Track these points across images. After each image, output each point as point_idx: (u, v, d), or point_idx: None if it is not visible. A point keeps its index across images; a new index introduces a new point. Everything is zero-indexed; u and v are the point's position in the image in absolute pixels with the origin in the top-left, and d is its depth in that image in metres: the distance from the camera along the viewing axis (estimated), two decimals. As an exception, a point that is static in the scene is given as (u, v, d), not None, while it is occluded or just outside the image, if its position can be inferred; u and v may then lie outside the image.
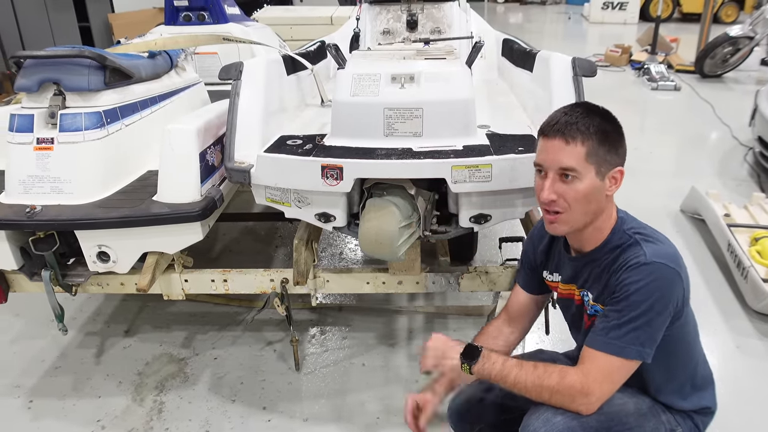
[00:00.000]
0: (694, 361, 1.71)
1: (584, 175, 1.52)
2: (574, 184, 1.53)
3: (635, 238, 1.57)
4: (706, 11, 8.35)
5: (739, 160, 5.23)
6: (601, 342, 1.52)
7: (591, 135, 1.51)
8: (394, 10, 3.46)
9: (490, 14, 15.37)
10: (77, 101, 2.31)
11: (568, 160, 1.52)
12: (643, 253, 1.51)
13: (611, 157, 1.54)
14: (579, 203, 1.54)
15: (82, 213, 2.18)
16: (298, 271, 2.34)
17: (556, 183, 1.55)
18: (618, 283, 1.52)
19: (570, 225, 1.59)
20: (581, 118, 1.52)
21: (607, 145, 1.53)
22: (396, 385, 2.63)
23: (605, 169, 1.54)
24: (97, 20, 8.45)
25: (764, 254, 3.21)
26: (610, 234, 1.61)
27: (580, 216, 1.57)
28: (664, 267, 1.49)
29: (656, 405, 1.67)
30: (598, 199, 1.56)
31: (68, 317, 2.91)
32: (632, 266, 1.51)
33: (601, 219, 1.60)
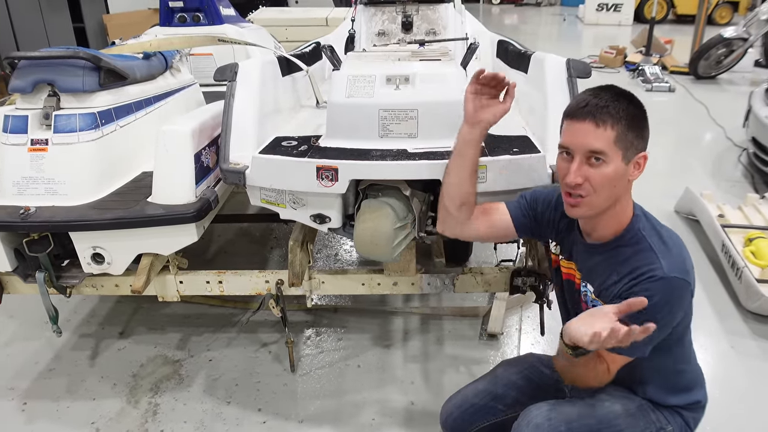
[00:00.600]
0: (686, 357, 1.72)
1: (612, 159, 1.50)
2: (602, 168, 1.51)
3: (650, 242, 1.55)
4: (701, 13, 8.39)
5: (733, 161, 5.25)
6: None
7: (621, 119, 1.49)
8: (389, 12, 3.45)
9: (486, 15, 15.39)
10: (72, 102, 2.31)
11: (597, 143, 1.49)
12: (659, 266, 1.50)
13: (638, 141, 1.53)
14: (604, 188, 1.52)
15: (76, 214, 2.17)
16: (293, 273, 2.34)
17: (583, 166, 1.52)
18: (632, 292, 1.51)
19: (592, 209, 1.57)
20: (611, 102, 1.50)
21: (635, 129, 1.52)
22: (391, 386, 2.63)
23: (631, 153, 1.53)
24: (91, 21, 8.43)
25: (758, 255, 3.23)
26: (624, 230, 1.60)
27: (603, 201, 1.55)
28: (678, 281, 1.50)
29: (645, 404, 1.67)
30: (621, 184, 1.55)
31: (62, 319, 2.89)
32: (649, 279, 1.50)
33: (620, 206, 1.59)
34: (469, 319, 3.07)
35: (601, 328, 1.34)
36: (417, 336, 2.96)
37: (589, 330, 1.36)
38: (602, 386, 1.61)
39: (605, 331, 1.32)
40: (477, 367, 2.72)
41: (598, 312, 1.43)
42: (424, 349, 2.86)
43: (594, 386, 1.61)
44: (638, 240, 1.57)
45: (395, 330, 3.01)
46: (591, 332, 1.35)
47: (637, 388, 1.69)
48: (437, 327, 3.02)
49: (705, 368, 1.79)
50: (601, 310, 1.44)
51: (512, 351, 2.82)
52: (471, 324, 3.03)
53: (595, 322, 1.38)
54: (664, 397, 1.68)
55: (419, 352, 2.85)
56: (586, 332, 1.36)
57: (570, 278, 1.76)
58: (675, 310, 1.53)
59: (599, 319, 1.39)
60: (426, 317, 3.10)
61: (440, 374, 2.70)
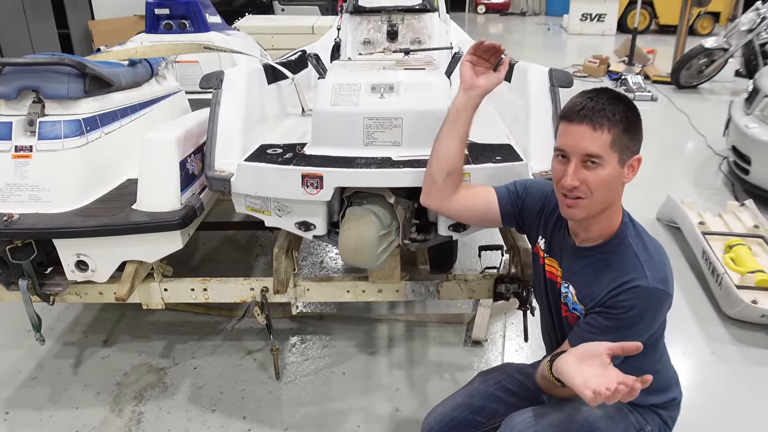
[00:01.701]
0: (660, 359, 1.74)
1: (608, 162, 1.51)
2: (598, 171, 1.51)
3: (636, 251, 1.57)
4: (682, 23, 8.51)
5: (714, 169, 5.32)
6: None
7: (617, 122, 1.50)
8: (375, 21, 3.49)
9: (471, 25, 15.49)
10: (56, 109, 2.30)
11: (594, 146, 1.50)
12: (644, 276, 1.52)
13: (633, 144, 1.54)
14: (600, 190, 1.53)
15: (60, 222, 2.17)
16: (278, 280, 2.35)
17: (579, 169, 1.52)
18: (616, 299, 1.53)
19: (588, 211, 1.57)
20: (608, 105, 1.51)
21: (631, 133, 1.53)
22: (376, 393, 2.64)
23: (626, 156, 1.54)
24: (77, 27, 8.39)
25: (738, 261, 3.28)
26: (612, 236, 1.61)
27: (599, 203, 1.56)
28: (660, 293, 1.52)
29: (623, 406, 1.69)
30: (617, 187, 1.57)
31: (45, 327, 2.87)
32: (633, 288, 1.51)
33: (612, 209, 1.60)
34: (453, 325, 3.09)
35: (597, 385, 1.32)
36: (402, 343, 2.97)
37: (587, 385, 1.34)
38: None
39: (605, 390, 1.30)
40: (461, 374, 2.73)
41: (590, 353, 1.41)
42: (409, 356, 2.87)
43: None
44: (624, 247, 1.59)
45: (380, 337, 3.02)
46: (590, 392, 1.32)
47: None
48: (422, 334, 3.03)
49: (686, 374, 1.83)
50: (592, 350, 1.42)
51: (496, 357, 2.84)
52: (455, 331, 3.05)
53: (588, 370, 1.37)
54: (642, 397, 1.70)
55: (404, 359, 2.86)
56: (584, 386, 1.35)
57: (552, 277, 1.78)
58: (653, 321, 1.56)
59: (592, 365, 1.38)
60: (411, 324, 3.12)
61: (425, 381, 2.71)
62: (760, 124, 4.41)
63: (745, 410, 2.56)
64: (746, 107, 4.74)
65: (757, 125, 4.42)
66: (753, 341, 2.97)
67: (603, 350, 1.40)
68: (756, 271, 3.13)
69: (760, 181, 4.40)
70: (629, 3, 13.56)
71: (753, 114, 4.55)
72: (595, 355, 1.40)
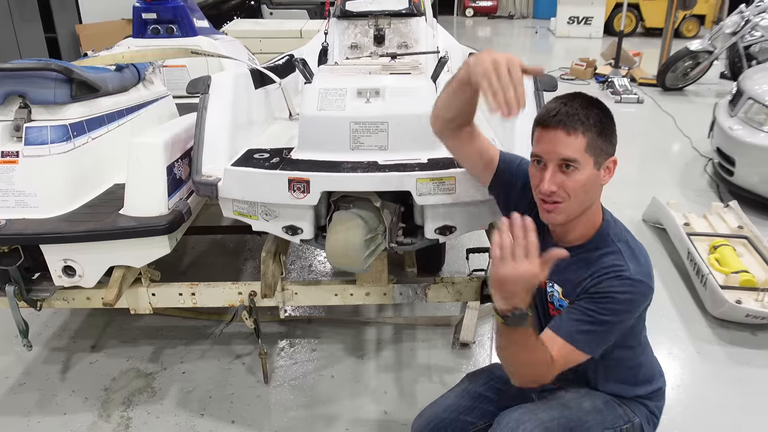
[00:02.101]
0: (643, 351, 1.77)
1: (584, 166, 1.52)
2: (574, 175, 1.52)
3: (619, 246, 1.59)
4: (668, 26, 8.58)
5: (699, 170, 5.37)
6: (567, 333, 1.55)
7: (591, 126, 1.52)
8: (362, 25, 3.50)
9: (459, 28, 15.55)
10: (43, 114, 2.30)
11: (569, 151, 1.51)
12: (627, 268, 1.54)
13: (608, 147, 1.56)
14: (578, 194, 1.54)
15: (47, 227, 2.17)
16: (266, 284, 2.35)
17: (556, 174, 1.53)
18: (598, 285, 1.55)
19: (567, 214, 1.58)
20: (581, 109, 1.52)
21: (605, 136, 1.55)
22: (365, 396, 2.65)
23: (602, 159, 1.56)
24: (64, 31, 8.35)
25: (722, 262, 3.31)
26: (594, 235, 1.63)
27: (578, 206, 1.57)
28: (643, 285, 1.54)
29: (610, 399, 1.71)
30: (594, 190, 1.59)
31: (33, 333, 2.86)
32: (617, 276, 1.54)
33: (591, 211, 1.62)
34: (441, 328, 3.11)
35: (528, 270, 1.36)
36: (390, 346, 2.98)
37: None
38: (547, 382, 1.57)
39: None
40: (449, 376, 2.75)
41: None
42: (398, 359, 2.88)
43: (539, 379, 1.56)
44: (607, 244, 1.61)
45: (368, 340, 3.03)
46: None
47: (601, 385, 1.73)
48: (410, 336, 3.05)
49: (672, 373, 1.85)
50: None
51: (484, 359, 2.86)
52: (443, 333, 3.06)
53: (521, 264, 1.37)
54: (628, 390, 1.74)
55: (392, 361, 2.87)
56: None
57: None
58: (631, 311, 1.56)
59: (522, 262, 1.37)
60: (399, 327, 3.13)
61: (413, 383, 2.72)
62: (743, 126, 4.46)
63: (729, 409, 2.58)
64: (730, 109, 4.79)
65: (741, 127, 4.47)
66: (737, 341, 3.00)
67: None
68: (740, 271, 3.17)
69: (744, 182, 4.45)
70: (616, 6, 13.69)
71: (737, 116, 4.60)
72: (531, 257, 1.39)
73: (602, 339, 1.56)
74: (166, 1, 4.03)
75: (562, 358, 1.55)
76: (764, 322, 3.03)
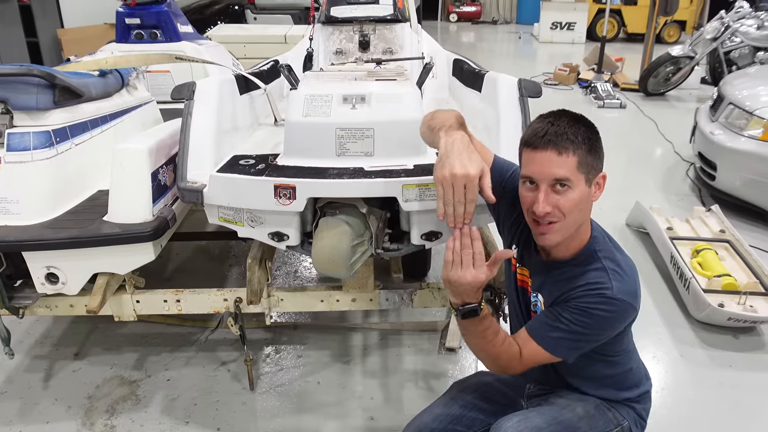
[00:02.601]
0: (630, 357, 1.78)
1: (576, 184, 1.52)
2: (568, 194, 1.52)
3: (605, 263, 1.59)
4: (650, 32, 8.67)
5: (682, 175, 5.43)
6: (541, 337, 1.60)
7: (581, 144, 1.52)
8: (347, 31, 3.50)
9: (444, 33, 15.61)
10: (25, 120, 2.28)
11: (562, 171, 1.51)
12: (610, 287, 1.54)
13: (597, 163, 1.57)
14: (572, 212, 1.54)
15: (29, 234, 2.15)
16: (252, 291, 2.34)
17: (550, 194, 1.53)
18: (580, 299, 1.56)
19: (563, 234, 1.58)
20: (569, 128, 1.52)
21: (594, 152, 1.55)
22: (351, 402, 2.64)
23: (592, 175, 1.56)
24: (45, 36, 8.27)
25: (705, 266, 3.35)
26: (581, 250, 1.63)
27: (572, 225, 1.57)
28: (624, 304, 1.55)
29: (600, 403, 1.73)
30: (587, 206, 1.60)
31: (15, 340, 2.82)
32: (599, 294, 1.54)
33: (582, 227, 1.62)
34: (427, 333, 3.11)
35: (473, 276, 1.50)
36: (376, 351, 2.98)
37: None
38: (516, 373, 1.65)
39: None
40: (436, 382, 2.75)
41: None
42: (384, 365, 2.88)
43: (507, 371, 1.65)
44: (593, 261, 1.61)
45: (355, 346, 3.03)
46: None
47: (590, 389, 1.75)
48: (396, 342, 3.05)
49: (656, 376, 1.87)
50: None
51: (470, 365, 2.86)
52: (430, 338, 3.07)
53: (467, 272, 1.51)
54: (616, 394, 1.75)
55: (379, 367, 2.87)
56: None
57: (523, 285, 1.80)
58: (610, 329, 1.60)
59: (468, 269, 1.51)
60: (385, 333, 3.13)
61: (400, 389, 2.72)
62: (724, 131, 4.52)
63: (712, 411, 2.61)
64: (711, 114, 4.85)
65: (722, 132, 4.52)
66: (720, 344, 3.04)
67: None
68: (722, 275, 3.20)
69: (725, 186, 4.50)
70: (598, 12, 13.80)
71: (718, 121, 4.66)
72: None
73: (574, 347, 1.59)
74: (150, 6, 4.01)
75: (531, 356, 1.61)
76: (746, 325, 3.07)
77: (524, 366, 1.63)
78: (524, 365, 1.63)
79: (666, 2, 8.25)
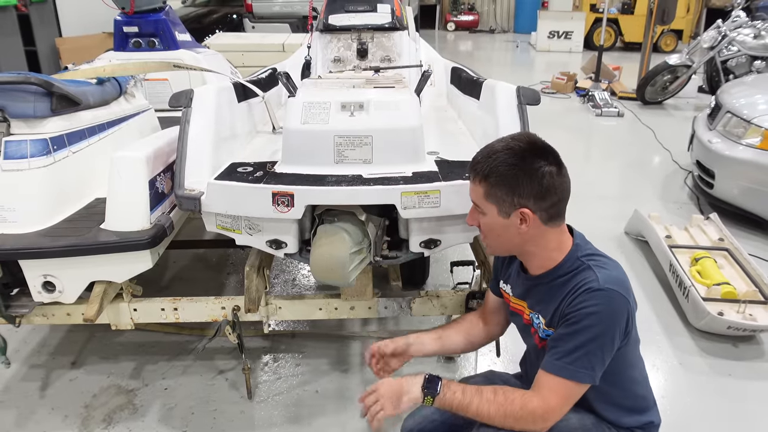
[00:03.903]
0: (635, 381, 1.75)
1: (487, 211, 1.62)
2: (482, 218, 1.65)
3: (587, 263, 1.60)
4: (647, 41, 8.69)
5: (680, 183, 5.43)
6: (557, 367, 1.55)
7: (488, 176, 1.58)
8: (345, 39, 3.51)
9: (441, 42, 15.64)
10: (22, 128, 2.28)
11: (473, 195, 1.66)
12: (595, 279, 1.54)
13: (511, 198, 1.56)
14: (489, 235, 1.67)
15: (26, 242, 2.14)
16: (250, 299, 2.33)
17: (474, 212, 1.68)
18: (570, 306, 1.55)
19: (493, 250, 1.74)
20: (484, 159, 1.60)
21: (505, 187, 1.56)
22: (350, 411, 2.63)
23: (507, 208, 1.58)
24: (43, 44, 8.28)
25: (704, 274, 3.34)
26: (562, 261, 1.64)
27: (497, 245, 1.69)
28: (614, 293, 1.53)
29: (601, 422, 1.70)
30: (509, 235, 1.62)
31: (11, 349, 2.82)
32: (585, 291, 1.54)
33: (536, 250, 1.64)
34: (426, 341, 3.09)
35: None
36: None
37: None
38: (548, 426, 1.56)
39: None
40: (435, 390, 2.73)
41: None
42: (382, 373, 2.86)
43: (536, 428, 1.56)
44: (577, 265, 1.62)
45: (353, 354, 3.01)
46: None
47: (590, 406, 1.72)
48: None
49: (655, 384, 1.85)
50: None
51: (469, 372, 2.85)
52: (428, 347, 3.04)
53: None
54: (618, 416, 1.72)
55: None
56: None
57: (519, 312, 1.80)
58: (616, 323, 1.54)
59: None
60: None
61: (398, 398, 2.70)
62: (722, 140, 4.52)
63: (712, 420, 2.60)
64: (709, 122, 4.85)
65: (720, 140, 4.52)
66: (719, 352, 3.03)
67: None
68: (721, 283, 3.19)
69: (723, 194, 4.50)
70: (595, 21, 13.84)
71: (715, 129, 4.66)
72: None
73: (596, 360, 1.54)
74: (148, 15, 4.02)
75: (560, 396, 1.55)
76: (745, 333, 3.06)
77: (553, 415, 1.55)
78: (553, 414, 1.55)
79: (663, 11, 8.28)
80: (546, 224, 1.60)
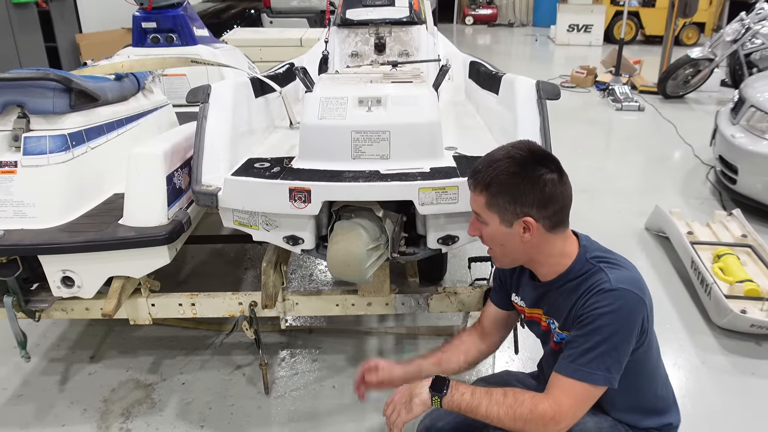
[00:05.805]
0: (655, 383, 1.72)
1: (489, 221, 1.60)
2: (485, 228, 1.63)
3: (599, 266, 1.58)
4: (668, 34, 8.57)
5: (702, 178, 5.35)
6: (570, 369, 1.52)
7: (489, 186, 1.56)
8: (363, 33, 3.49)
9: (459, 36, 15.57)
10: (42, 124, 2.29)
11: (474, 205, 1.63)
12: (607, 279, 1.52)
13: (513, 207, 1.55)
14: (492, 244, 1.65)
15: (45, 237, 2.15)
16: (267, 294, 2.33)
17: (476, 222, 1.66)
18: (584, 308, 1.53)
19: (500, 262, 1.70)
20: (485, 168, 1.57)
21: (506, 195, 1.54)
22: (367, 406, 2.62)
23: (509, 217, 1.56)
24: (64, 41, 8.35)
25: (726, 271, 3.29)
26: (572, 264, 1.62)
27: (502, 256, 1.66)
28: (628, 293, 1.51)
29: (618, 425, 1.68)
30: (513, 244, 1.59)
31: (31, 343, 2.85)
32: (598, 292, 1.52)
33: (542, 258, 1.63)
34: (444, 337, 3.07)
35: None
36: (392, 356, 2.95)
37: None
38: (560, 430, 1.53)
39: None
40: (452, 387, 2.71)
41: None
42: (400, 369, 2.85)
43: (550, 429, 1.52)
44: (588, 268, 1.60)
45: (370, 350, 3.00)
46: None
47: (608, 410, 1.70)
48: (412, 346, 3.02)
49: (677, 383, 1.82)
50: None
51: (487, 369, 2.83)
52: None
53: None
54: (637, 419, 1.69)
55: (394, 372, 2.84)
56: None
57: (537, 320, 1.78)
58: (631, 323, 1.51)
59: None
60: (401, 337, 3.10)
61: (415, 394, 2.69)
62: (746, 134, 4.44)
63: (736, 419, 2.56)
64: (732, 117, 4.77)
65: (743, 135, 4.45)
66: (743, 351, 2.98)
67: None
68: (744, 280, 3.14)
69: (746, 190, 4.42)
70: (615, 14, 13.69)
71: (739, 124, 4.59)
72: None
73: (611, 362, 1.50)
74: (166, 11, 4.02)
75: (572, 399, 1.51)
76: (769, 331, 3.01)
77: (567, 418, 1.51)
78: (566, 417, 1.51)
79: (685, 4, 8.16)
80: (550, 232, 1.58)
